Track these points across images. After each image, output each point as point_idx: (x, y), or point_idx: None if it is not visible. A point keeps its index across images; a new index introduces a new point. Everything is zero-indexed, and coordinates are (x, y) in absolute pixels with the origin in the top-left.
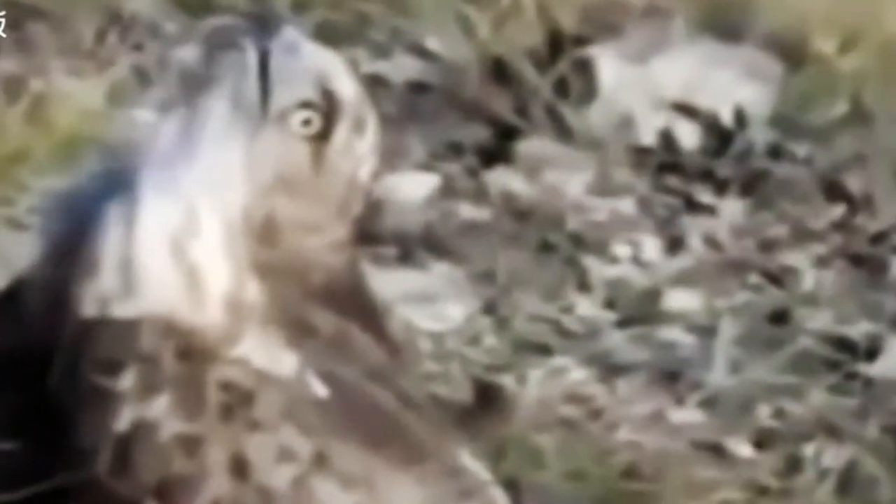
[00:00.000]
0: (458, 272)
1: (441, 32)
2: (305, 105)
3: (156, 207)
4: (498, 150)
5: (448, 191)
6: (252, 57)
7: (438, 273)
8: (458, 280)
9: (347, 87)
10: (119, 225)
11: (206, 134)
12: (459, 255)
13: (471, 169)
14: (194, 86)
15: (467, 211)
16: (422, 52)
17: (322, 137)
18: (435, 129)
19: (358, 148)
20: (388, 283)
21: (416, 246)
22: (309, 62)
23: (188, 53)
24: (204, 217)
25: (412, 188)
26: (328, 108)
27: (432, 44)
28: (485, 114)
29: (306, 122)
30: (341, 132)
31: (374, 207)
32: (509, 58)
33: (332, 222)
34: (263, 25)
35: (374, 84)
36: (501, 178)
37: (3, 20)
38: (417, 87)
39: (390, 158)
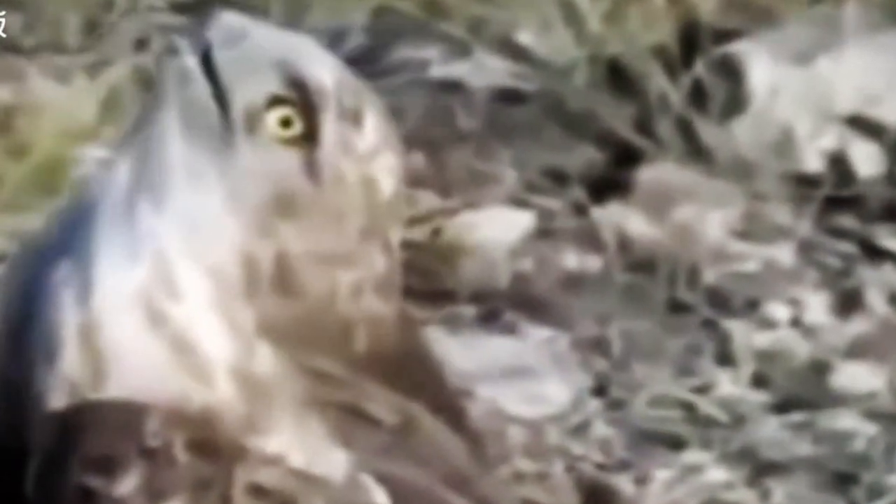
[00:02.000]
0: (560, 339)
1: (538, 24)
2: (275, 102)
3: (117, 267)
4: (613, 179)
5: (546, 232)
6: (190, 56)
7: (534, 340)
8: (560, 350)
9: (322, 71)
10: (73, 293)
11: (167, 171)
12: (561, 317)
13: (577, 204)
14: (147, 106)
15: (572, 259)
16: (512, 50)
17: (309, 138)
18: (530, 150)
19: (359, 144)
20: (466, 353)
21: (505, 304)
22: (263, 48)
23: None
24: (181, 271)
25: (499, 229)
26: (303, 99)
27: (526, 39)
28: (596, 131)
29: (285, 123)
30: (329, 126)
31: (447, 254)
32: (629, 57)
33: (359, 247)
34: (193, 15)
35: (448, 91)
36: (617, 216)
37: (3, 20)
38: (506, 96)
39: (470, 189)
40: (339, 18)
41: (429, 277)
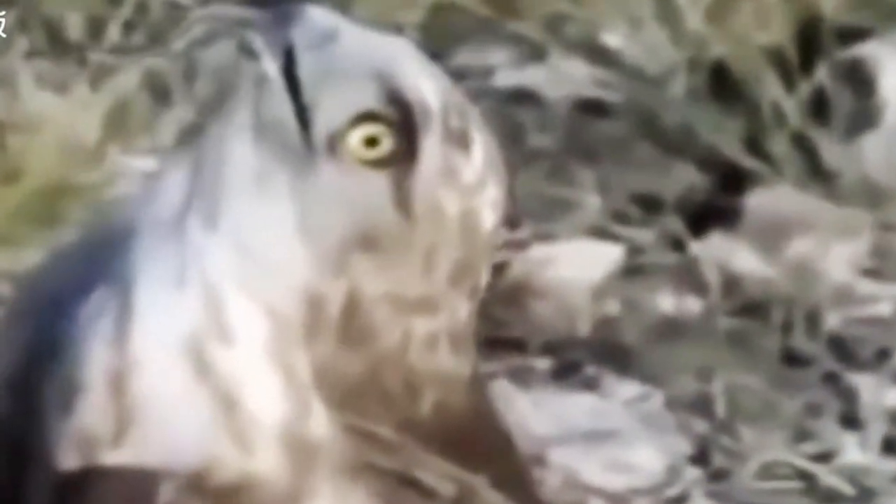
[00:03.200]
0: (653, 397)
1: (627, 22)
2: (365, 118)
3: (160, 300)
4: (716, 207)
5: (636, 270)
6: (269, 61)
7: (621, 398)
8: (653, 409)
9: (426, 84)
10: (105, 329)
11: (228, 184)
12: (654, 371)
13: (673, 236)
14: (206, 112)
15: (667, 301)
16: (596, 54)
17: (403, 162)
18: (617, 172)
19: (464, 172)
20: (539, 414)
21: (586, 355)
22: (358, 54)
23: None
24: (236, 311)
25: (580, 265)
26: (401, 116)
27: (613, 40)
28: (696, 149)
29: (371, 142)
30: (431, 150)
31: (516, 295)
32: (737, 61)
33: (446, 293)
34: (276, 10)
35: (519, 102)
36: (721, 250)
37: (3, 20)
38: (589, 108)
39: (544, 219)
40: (389, 16)
41: (494, 323)
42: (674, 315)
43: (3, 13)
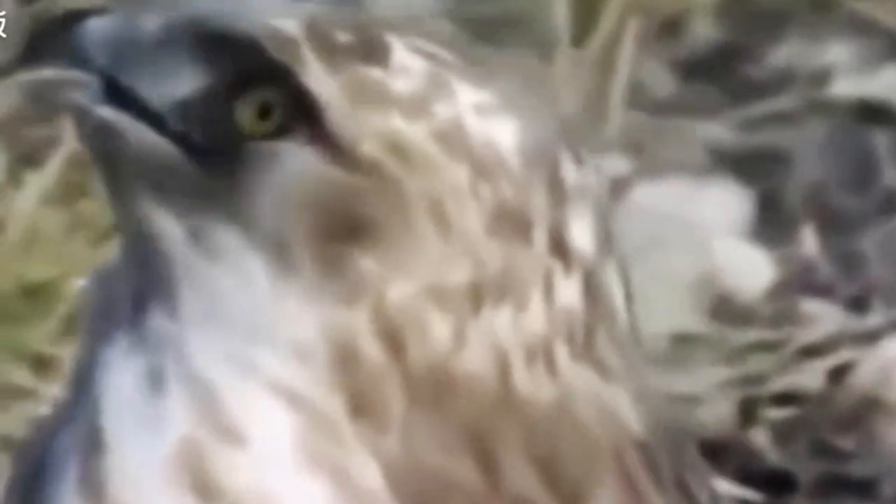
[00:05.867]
0: None
1: None
2: (234, 88)
3: (135, 415)
4: None
5: None
6: (96, 105)
7: None
8: None
9: (267, 14)
10: (74, 473)
11: (170, 258)
12: None
13: None
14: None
15: None
16: None
17: (307, 113)
18: None
19: (393, 84)
20: None
21: None
22: (170, 26)
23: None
24: (239, 403)
25: None
26: (266, 64)
27: None
28: None
29: (264, 112)
30: (321, 82)
31: (858, 412)
32: None
33: (511, 260)
34: (59, 45)
35: (870, 121)
36: None
37: (3, 20)
38: None
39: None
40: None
41: (829, 455)
42: None
43: (3, 12)
